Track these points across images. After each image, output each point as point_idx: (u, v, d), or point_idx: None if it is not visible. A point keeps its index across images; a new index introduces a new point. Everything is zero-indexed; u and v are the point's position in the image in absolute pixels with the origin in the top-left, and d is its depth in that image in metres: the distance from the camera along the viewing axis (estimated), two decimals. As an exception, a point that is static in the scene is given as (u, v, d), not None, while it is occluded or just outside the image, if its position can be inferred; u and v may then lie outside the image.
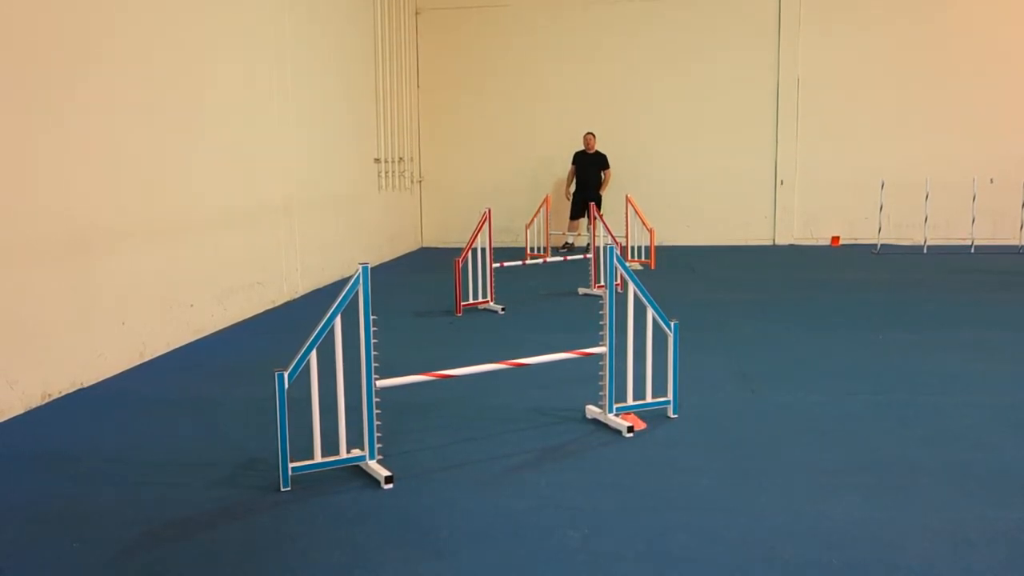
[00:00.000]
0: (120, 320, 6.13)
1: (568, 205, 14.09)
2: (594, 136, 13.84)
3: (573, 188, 13.94)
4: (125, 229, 6.24)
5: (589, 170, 13.81)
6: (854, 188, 14.05)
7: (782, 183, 14.26)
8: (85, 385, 5.72)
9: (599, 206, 12.75)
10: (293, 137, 9.27)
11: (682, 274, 11.04)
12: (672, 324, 4.81)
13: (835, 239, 14.22)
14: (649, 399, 4.89)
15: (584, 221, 13.83)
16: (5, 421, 4.99)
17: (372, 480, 3.99)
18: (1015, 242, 13.40)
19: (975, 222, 13.11)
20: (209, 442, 4.64)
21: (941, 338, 6.93)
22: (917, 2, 13.70)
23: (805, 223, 14.37)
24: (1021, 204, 13.13)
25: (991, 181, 13.26)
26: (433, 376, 4.46)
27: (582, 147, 13.90)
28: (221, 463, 4.29)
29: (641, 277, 4.82)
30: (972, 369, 5.93)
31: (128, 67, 6.30)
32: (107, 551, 3.36)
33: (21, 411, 5.15)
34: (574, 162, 13.93)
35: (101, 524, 3.60)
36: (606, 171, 13.88)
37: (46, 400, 5.37)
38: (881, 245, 13.61)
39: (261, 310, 8.45)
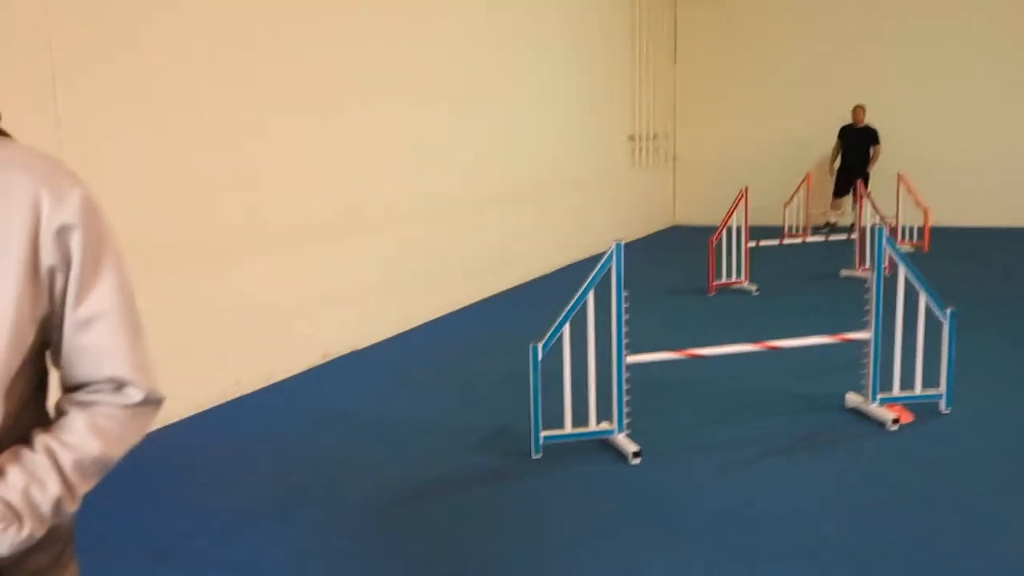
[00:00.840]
0: (383, 292, 6.59)
1: (831, 182, 13.32)
2: (864, 109, 12.96)
3: (838, 164, 13.15)
4: (399, 207, 6.69)
5: (857, 145, 12.95)
6: None
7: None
8: (358, 348, 6.22)
9: (867, 184, 11.95)
10: (548, 115, 9.45)
11: (960, 259, 10.11)
12: (947, 312, 4.44)
13: None
14: (918, 391, 4.55)
15: (849, 199, 13.02)
16: (290, 377, 5.56)
17: (619, 453, 4.03)
18: None
19: None
20: (464, 409, 4.89)
21: None
22: None
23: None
24: None
25: None
26: (683, 355, 4.41)
27: (850, 120, 13.07)
28: (476, 428, 4.51)
29: (912, 260, 4.48)
30: None
31: (384, 59, 6.72)
32: (373, 502, 3.65)
33: (304, 369, 5.71)
34: (840, 136, 13.13)
35: (367, 477, 3.92)
36: (876, 146, 12.95)
37: (326, 360, 5.91)
38: None
39: (513, 284, 8.69)
